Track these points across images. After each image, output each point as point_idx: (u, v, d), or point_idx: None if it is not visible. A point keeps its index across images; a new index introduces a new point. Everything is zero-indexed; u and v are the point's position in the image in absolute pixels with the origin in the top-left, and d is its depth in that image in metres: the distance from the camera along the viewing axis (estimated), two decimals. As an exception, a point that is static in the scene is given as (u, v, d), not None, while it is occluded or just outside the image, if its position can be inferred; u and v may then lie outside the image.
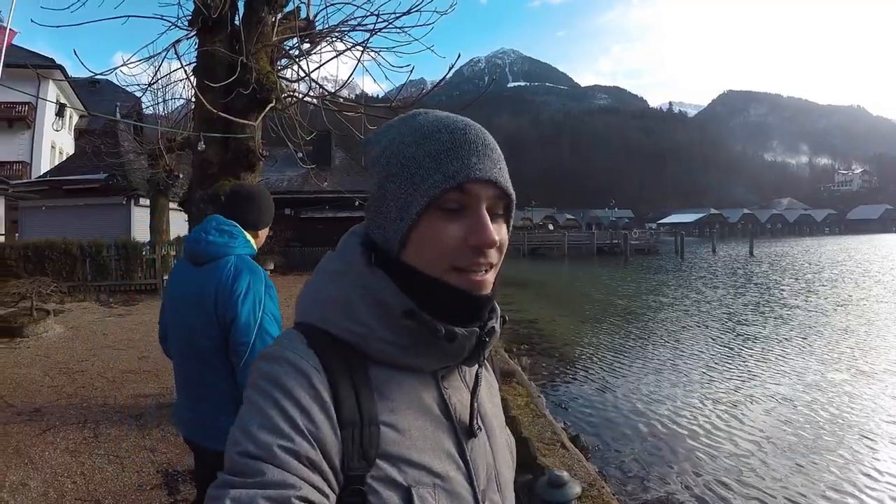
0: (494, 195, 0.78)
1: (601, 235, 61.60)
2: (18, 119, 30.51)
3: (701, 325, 15.38)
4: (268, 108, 5.16)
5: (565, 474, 1.37)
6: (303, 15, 5.83)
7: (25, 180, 24.40)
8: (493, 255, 0.78)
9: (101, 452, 4.77)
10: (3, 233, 22.36)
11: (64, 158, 28.53)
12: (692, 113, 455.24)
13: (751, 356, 11.53)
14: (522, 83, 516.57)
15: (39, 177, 23.80)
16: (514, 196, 0.82)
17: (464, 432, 0.81)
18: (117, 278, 15.52)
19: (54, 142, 33.09)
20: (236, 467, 0.65)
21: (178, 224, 18.72)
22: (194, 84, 5.34)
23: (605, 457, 6.65)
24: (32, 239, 16.15)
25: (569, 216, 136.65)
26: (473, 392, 0.84)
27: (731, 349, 12.25)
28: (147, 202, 18.90)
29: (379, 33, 5.24)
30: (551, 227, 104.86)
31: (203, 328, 2.22)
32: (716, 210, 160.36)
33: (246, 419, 0.69)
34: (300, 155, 6.88)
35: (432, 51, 5.39)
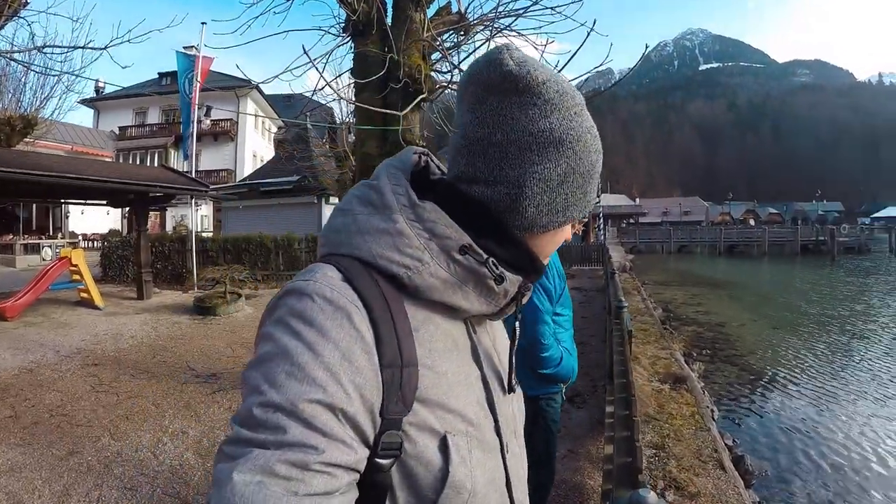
0: None
1: (805, 231, 56.20)
2: (223, 133, 35.10)
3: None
4: (418, 100, 5.24)
5: (652, 495, 1.12)
6: (454, 9, 5.87)
7: (228, 184, 27.72)
8: None
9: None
10: (211, 230, 25.65)
11: (263, 164, 31.84)
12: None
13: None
14: (715, 64, 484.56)
15: (241, 181, 26.69)
16: None
17: (497, 384, 0.81)
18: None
19: (255, 151, 37.23)
20: (255, 420, 0.58)
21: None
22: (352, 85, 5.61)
23: (770, 487, 5.88)
24: (231, 234, 18.19)
25: (771, 210, 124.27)
26: (512, 346, 0.84)
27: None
28: (336, 200, 20.42)
29: (527, 16, 5.08)
30: (752, 222, 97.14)
31: None
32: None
33: (271, 364, 0.61)
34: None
35: (588, 28, 5.09)
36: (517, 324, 0.84)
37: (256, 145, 37.60)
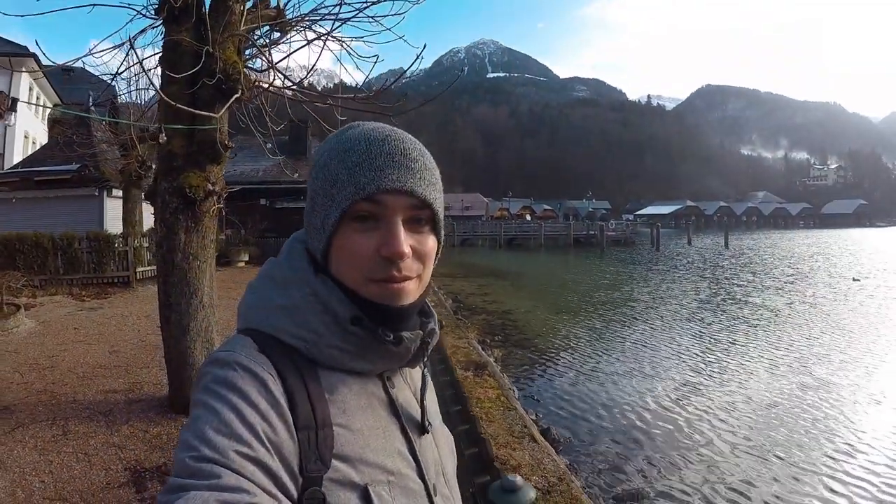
0: (411, 205, 0.78)
1: (578, 226, 62.51)
2: (-12, 110, 29.62)
3: (675, 318, 15.64)
4: (233, 99, 5.06)
5: (518, 479, 1.35)
6: (273, 3, 5.73)
7: (-4, 172, 23.89)
8: (411, 266, 0.79)
9: (70, 450, 4.72)
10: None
11: (37, 148, 27.93)
12: (671, 106, 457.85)
13: (723, 349, 11.72)
14: (502, 74, 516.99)
15: (10, 168, 23.29)
16: (435, 205, 0.81)
17: (415, 430, 0.84)
18: (89, 271, 15.17)
19: (27, 132, 32.37)
20: (189, 471, 0.62)
21: (151, 216, 18.31)
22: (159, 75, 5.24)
23: (576, 450, 6.68)
24: (3, 232, 15.74)
25: (546, 207, 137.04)
26: (423, 391, 0.89)
27: (704, 342, 12.44)
28: (120, 193, 18.51)
29: (349, 22, 5.13)
30: (529, 217, 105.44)
31: None
32: (692, 202, 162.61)
33: (200, 423, 0.66)
34: (269, 145, 6.79)
35: (404, 40, 5.28)
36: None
37: (28, 125, 32.65)
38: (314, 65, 5.35)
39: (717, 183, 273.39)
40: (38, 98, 33.36)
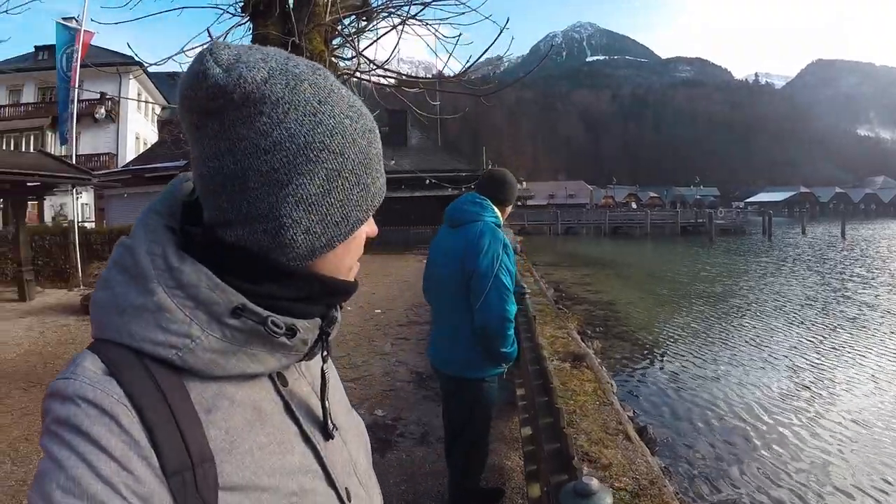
0: None
1: (685, 214, 59.95)
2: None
3: (788, 314, 14.51)
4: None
5: (594, 482, 1.18)
6: (358, -8, 5.74)
7: (111, 170, 25.92)
8: None
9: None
10: (94, 220, 23.97)
11: (147, 147, 29.96)
12: (779, 84, 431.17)
13: (842, 352, 10.69)
14: (601, 57, 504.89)
15: (123, 166, 25.07)
16: None
17: (317, 432, 0.71)
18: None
19: (138, 133, 34.88)
20: None
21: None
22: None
23: (673, 452, 6.33)
24: (116, 224, 17.05)
25: (652, 194, 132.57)
26: (323, 392, 0.74)
27: (822, 343, 11.40)
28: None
29: (433, 5, 5.04)
30: (634, 205, 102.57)
31: (452, 276, 2.88)
32: (806, 188, 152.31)
33: (45, 481, 0.51)
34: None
35: (491, 20, 5.13)
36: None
37: (140, 127, 35.25)
38: (396, 45, 5.30)
39: (832, 167, 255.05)
40: (146, 101, 35.88)
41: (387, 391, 5.83)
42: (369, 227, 0.72)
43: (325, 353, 0.74)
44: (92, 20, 16.14)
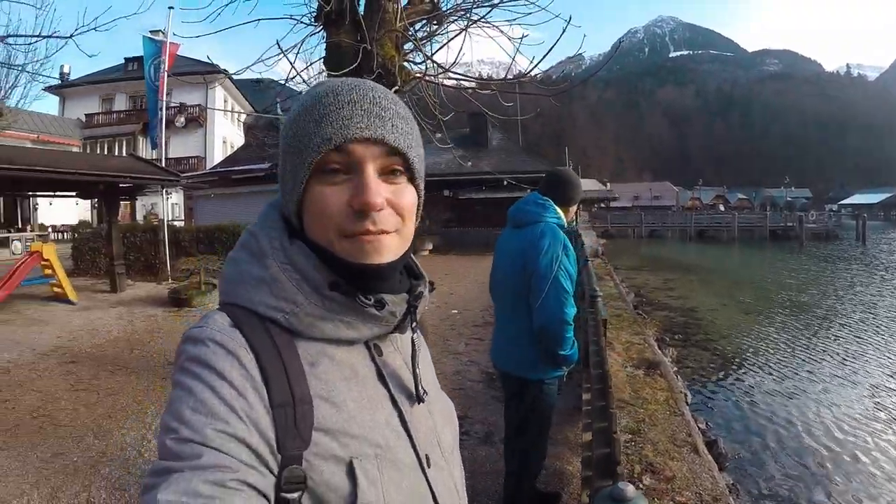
0: (383, 153, 0.74)
1: (774, 217, 56.63)
2: (191, 119, 34.59)
3: (878, 328, 13.49)
4: (392, 91, 5.19)
5: (630, 489, 1.17)
6: (428, -3, 5.81)
7: (198, 172, 27.31)
8: (388, 219, 0.75)
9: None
10: (183, 218, 25.29)
11: (233, 150, 31.36)
12: (872, 76, 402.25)
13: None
14: (685, 52, 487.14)
15: (210, 169, 26.30)
16: (409, 154, 0.77)
17: (406, 400, 0.80)
18: (283, 257, 17.05)
19: (225, 137, 36.65)
20: (172, 452, 0.61)
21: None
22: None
23: (743, 469, 6.00)
24: (205, 223, 17.93)
25: (741, 196, 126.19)
26: (413, 359, 0.84)
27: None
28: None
29: (502, 6, 5.07)
30: (722, 207, 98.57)
31: (513, 277, 2.89)
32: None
33: (178, 404, 0.64)
34: (438, 136, 6.86)
35: (561, 18, 5.06)
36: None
37: (226, 131, 37.00)
38: (460, 49, 5.34)
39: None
40: (232, 107, 37.62)
41: (456, 389, 5.84)
42: (355, 196, 0.73)
43: (413, 324, 0.83)
44: (174, 34, 17.14)
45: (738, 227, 52.55)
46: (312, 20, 5.41)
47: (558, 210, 2.96)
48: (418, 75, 5.61)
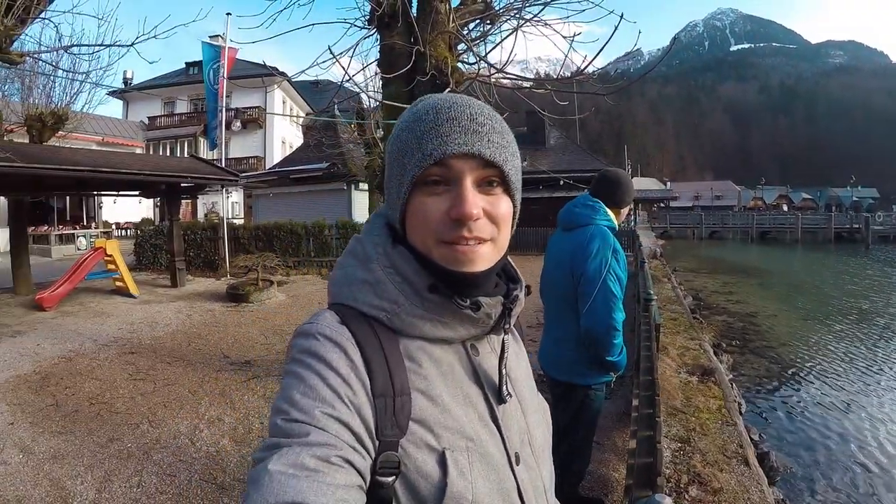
0: (479, 165, 0.78)
1: (839, 219, 53.69)
2: (251, 121, 35.44)
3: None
4: (446, 92, 5.21)
5: (667, 501, 1.15)
6: (480, -2, 5.82)
7: (257, 172, 28.06)
8: (483, 228, 0.78)
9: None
10: (242, 217, 26.04)
11: (292, 151, 32.07)
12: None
13: None
14: (746, 45, 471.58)
15: (270, 168, 26.95)
16: (505, 167, 0.80)
17: (494, 397, 0.85)
18: (338, 254, 17.06)
19: (284, 137, 37.51)
20: (282, 430, 0.68)
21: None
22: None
23: (795, 485, 5.74)
24: (263, 221, 18.44)
25: (805, 195, 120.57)
26: (501, 359, 0.87)
27: None
28: (366, 187, 20.63)
29: (553, 4, 5.03)
30: (785, 207, 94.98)
31: (562, 280, 2.83)
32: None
33: (289, 390, 0.72)
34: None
35: (615, 14, 4.98)
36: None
37: (285, 132, 37.84)
38: (513, 48, 5.34)
39: None
40: (290, 109, 38.49)
41: (506, 391, 5.81)
42: (453, 207, 0.77)
43: (506, 325, 0.87)
44: (232, 40, 17.65)
45: (802, 229, 50.67)
46: (366, 23, 5.49)
47: (609, 212, 2.88)
48: (472, 76, 5.62)
